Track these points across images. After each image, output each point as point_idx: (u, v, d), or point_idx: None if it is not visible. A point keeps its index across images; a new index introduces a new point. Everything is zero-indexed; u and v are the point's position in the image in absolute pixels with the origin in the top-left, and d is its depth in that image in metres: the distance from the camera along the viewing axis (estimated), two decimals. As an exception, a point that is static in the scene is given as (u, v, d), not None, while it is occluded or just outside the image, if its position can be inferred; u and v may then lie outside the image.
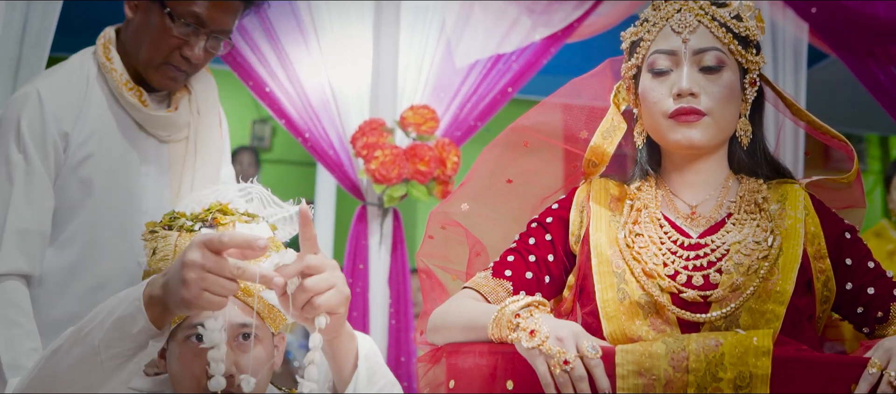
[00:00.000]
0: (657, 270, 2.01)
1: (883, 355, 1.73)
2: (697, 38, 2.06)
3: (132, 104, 2.53)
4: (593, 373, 1.74)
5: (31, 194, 2.42)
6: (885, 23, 4.11)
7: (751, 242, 2.01)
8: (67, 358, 1.82)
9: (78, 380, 1.82)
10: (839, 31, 4.24)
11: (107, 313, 1.81)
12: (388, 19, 4.18)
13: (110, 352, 1.79)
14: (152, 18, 2.50)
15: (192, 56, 2.51)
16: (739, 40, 2.07)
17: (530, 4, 4.15)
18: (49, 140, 2.45)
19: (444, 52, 4.20)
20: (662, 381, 1.73)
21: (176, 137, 2.62)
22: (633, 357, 1.75)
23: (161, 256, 2.09)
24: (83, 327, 1.82)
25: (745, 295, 1.95)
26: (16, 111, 2.47)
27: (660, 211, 2.10)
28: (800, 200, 2.07)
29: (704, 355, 1.74)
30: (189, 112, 2.62)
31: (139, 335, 1.79)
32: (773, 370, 1.72)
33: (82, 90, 2.54)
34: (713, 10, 2.08)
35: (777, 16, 4.25)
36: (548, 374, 1.75)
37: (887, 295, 1.99)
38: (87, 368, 1.81)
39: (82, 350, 1.80)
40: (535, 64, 4.22)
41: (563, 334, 1.78)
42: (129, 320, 1.78)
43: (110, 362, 1.79)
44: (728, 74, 2.06)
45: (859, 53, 4.21)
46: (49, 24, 2.93)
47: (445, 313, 2.06)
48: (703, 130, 2.05)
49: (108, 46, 2.57)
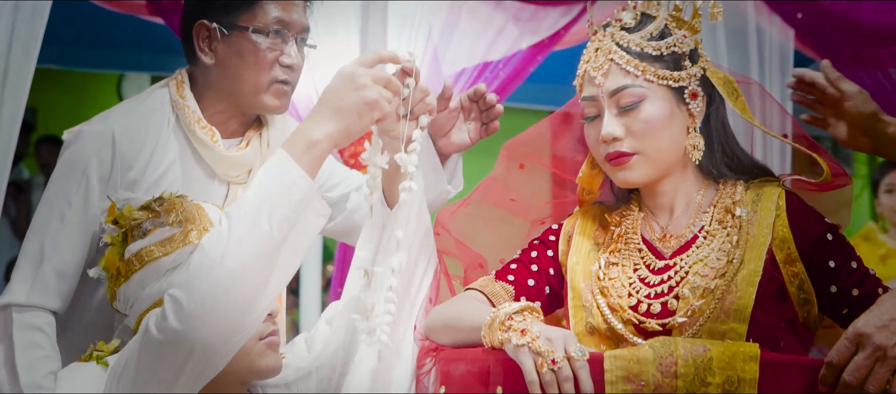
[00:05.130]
0: (620, 303, 2.02)
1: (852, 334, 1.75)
2: (611, 80, 2.05)
3: (203, 142, 2.46)
4: (578, 375, 1.75)
5: (75, 240, 2.38)
6: (871, 27, 4.13)
7: (713, 258, 2.00)
8: (243, 253, 1.91)
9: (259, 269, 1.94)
10: (825, 36, 4.26)
11: (257, 207, 1.93)
12: (374, 27, 4.19)
13: (282, 232, 1.94)
14: (240, 46, 2.44)
15: (293, 62, 2.47)
16: (661, 63, 2.04)
17: (517, 12, 4.16)
18: (111, 189, 2.39)
19: (431, 60, 4.20)
20: (651, 386, 1.74)
21: (242, 178, 2.55)
22: (621, 363, 1.76)
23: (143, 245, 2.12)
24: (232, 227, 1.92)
25: (703, 318, 1.95)
26: (88, 150, 2.41)
27: (639, 234, 2.11)
28: (772, 202, 2.04)
29: (693, 360, 1.74)
30: (259, 149, 2.56)
31: (305, 199, 1.96)
32: (761, 374, 1.72)
33: (158, 135, 2.47)
34: (627, 41, 2.05)
35: (763, 21, 4.28)
36: (533, 371, 1.75)
37: (872, 295, 1.96)
38: (263, 253, 1.93)
39: (254, 240, 1.91)
40: (522, 72, 4.24)
41: (553, 335, 1.79)
42: (292, 190, 1.94)
43: (280, 232, 1.93)
44: (649, 106, 2.03)
45: (846, 58, 4.23)
46: (35, 36, 2.91)
47: (445, 311, 2.07)
48: (635, 170, 2.06)
49: (181, 85, 2.51)
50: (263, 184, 1.95)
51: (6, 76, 2.85)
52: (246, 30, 2.43)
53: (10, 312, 2.32)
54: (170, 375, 1.95)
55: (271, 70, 2.45)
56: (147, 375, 1.97)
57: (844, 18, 4.14)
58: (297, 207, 1.95)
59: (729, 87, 2.09)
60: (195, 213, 2.13)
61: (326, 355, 2.20)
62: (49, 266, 2.35)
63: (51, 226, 2.38)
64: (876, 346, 1.71)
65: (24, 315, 2.32)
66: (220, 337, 1.92)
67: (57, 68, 7.29)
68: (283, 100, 2.50)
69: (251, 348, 2.06)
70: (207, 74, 2.49)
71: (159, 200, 2.15)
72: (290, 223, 1.95)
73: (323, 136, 2.00)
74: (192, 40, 2.48)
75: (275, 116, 2.58)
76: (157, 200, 2.15)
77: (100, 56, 7.33)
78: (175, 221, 2.10)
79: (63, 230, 2.38)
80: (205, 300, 1.89)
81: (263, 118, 2.58)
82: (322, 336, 2.22)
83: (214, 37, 2.46)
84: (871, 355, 1.71)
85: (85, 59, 7.48)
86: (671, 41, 2.06)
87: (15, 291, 2.35)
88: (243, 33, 2.44)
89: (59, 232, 2.37)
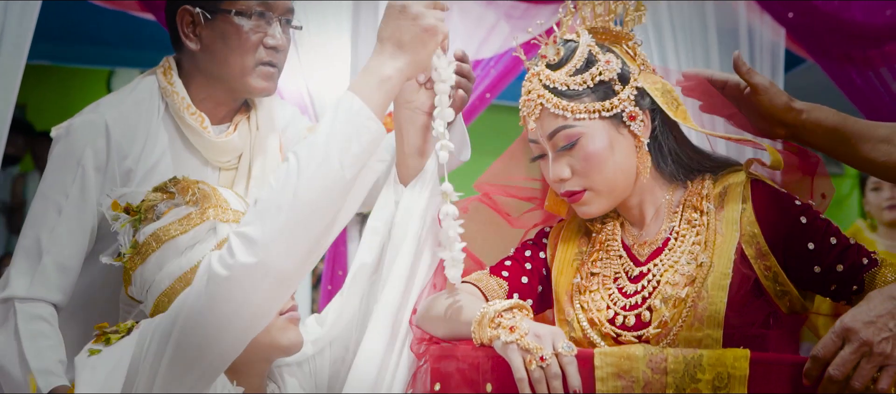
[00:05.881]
0: (599, 317, 2.02)
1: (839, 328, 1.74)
2: (545, 124, 2.03)
3: (193, 128, 2.47)
4: (566, 370, 1.75)
5: (74, 231, 2.38)
6: (862, 27, 4.13)
7: (683, 262, 1.99)
8: (310, 191, 1.91)
9: (328, 206, 1.95)
10: (816, 35, 4.27)
11: (327, 146, 1.92)
12: (366, 23, 4.17)
13: (353, 171, 1.95)
14: (223, 30, 2.45)
15: (277, 43, 2.48)
16: (590, 96, 2.01)
17: (509, 10, 4.16)
18: (108, 179, 2.41)
19: (422, 58, 4.19)
20: (641, 382, 1.74)
21: (232, 164, 2.57)
22: (612, 359, 1.76)
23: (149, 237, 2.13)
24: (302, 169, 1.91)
25: (676, 328, 1.95)
26: (81, 140, 2.41)
27: (619, 239, 2.10)
28: (738, 196, 2.02)
29: (683, 357, 1.75)
30: (248, 133, 2.57)
31: (374, 140, 1.97)
32: (750, 371, 1.73)
33: (149, 123, 2.48)
34: (553, 80, 2.03)
35: (754, 20, 4.28)
36: (522, 368, 1.76)
37: (858, 266, 1.95)
38: (333, 190, 1.93)
39: (325, 176, 1.92)
40: (513, 69, 4.23)
41: (542, 332, 1.79)
42: (362, 132, 1.94)
43: (350, 171, 1.94)
44: (587, 143, 2.00)
45: (836, 58, 4.24)
46: (26, 31, 2.90)
47: (437, 303, 2.07)
48: (592, 204, 2.05)
49: (169, 72, 2.51)
50: (333, 125, 1.95)
51: (-4, 72, 2.84)
52: (228, 13, 2.44)
53: (13, 303, 2.33)
54: (232, 309, 1.93)
55: (256, 52, 2.47)
56: (206, 316, 1.94)
57: (836, 18, 4.15)
58: (367, 147, 1.97)
59: (668, 98, 2.05)
60: (210, 192, 2.16)
61: (340, 327, 2.22)
62: (49, 259, 2.35)
63: (48, 219, 2.38)
64: (862, 341, 1.71)
65: (27, 306, 2.33)
66: (294, 265, 1.93)
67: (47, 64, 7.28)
68: (270, 82, 2.51)
69: (272, 324, 2.07)
70: (193, 60, 2.51)
71: (173, 181, 2.18)
72: (360, 163, 1.96)
73: (393, 71, 2.01)
74: (176, 27, 2.49)
75: (263, 99, 2.59)
76: (172, 181, 2.18)
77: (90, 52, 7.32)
78: (191, 200, 2.14)
79: (61, 222, 2.37)
80: (281, 231, 1.89)
81: (251, 102, 2.59)
82: (334, 307, 2.24)
83: (198, 22, 2.47)
84: (857, 351, 1.71)
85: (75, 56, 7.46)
86: (596, 71, 2.02)
87: (15, 286, 2.34)
88: (226, 17, 2.45)
89: (57, 225, 2.37)
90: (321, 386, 2.23)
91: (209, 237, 2.11)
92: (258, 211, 1.92)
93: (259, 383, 2.16)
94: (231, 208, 2.15)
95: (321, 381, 2.23)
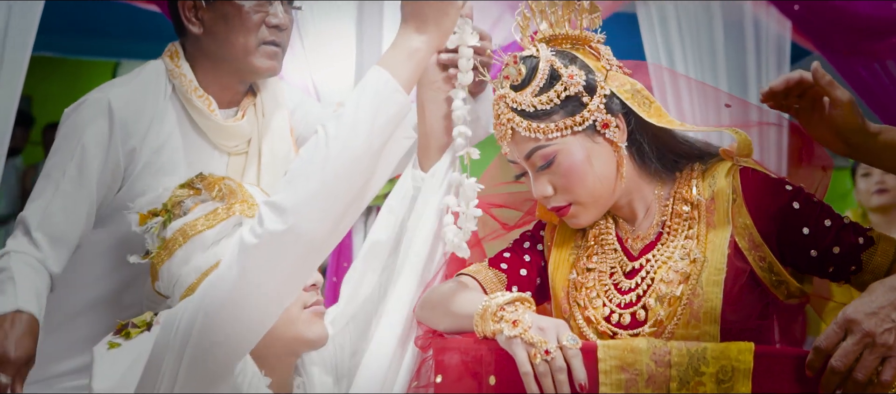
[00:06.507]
0: (595, 315, 2.01)
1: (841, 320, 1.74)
2: (518, 146, 2.01)
3: (200, 110, 2.48)
4: (571, 363, 1.75)
5: (68, 208, 2.38)
6: (868, 20, 4.11)
7: (676, 258, 1.98)
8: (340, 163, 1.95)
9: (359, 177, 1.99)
10: (822, 28, 4.25)
11: (355, 118, 1.96)
12: (371, 19, 4.17)
13: (381, 140, 2.00)
14: (224, 12, 2.46)
15: (279, 22, 2.49)
16: (559, 113, 1.98)
17: (513, 3, 4.15)
18: (111, 157, 2.41)
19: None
20: (645, 375, 1.74)
21: (240, 149, 2.57)
22: (615, 352, 1.76)
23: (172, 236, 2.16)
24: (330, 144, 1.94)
25: (671, 326, 1.94)
26: (83, 119, 2.42)
27: (613, 233, 2.08)
28: (727, 186, 2.00)
29: (687, 350, 1.74)
30: (255, 118, 2.58)
31: (400, 112, 2.03)
32: (754, 364, 1.73)
33: (156, 104, 2.49)
34: (519, 103, 1.99)
35: (760, 13, 4.27)
36: (527, 362, 1.75)
37: (854, 247, 1.93)
38: (361, 160, 1.97)
39: (354, 147, 1.95)
40: (519, 62, 4.22)
41: (546, 325, 1.79)
42: (389, 104, 2.00)
43: (378, 141, 1.99)
44: (563, 159, 1.98)
45: (842, 50, 4.22)
46: (31, 24, 2.90)
47: (437, 296, 2.07)
48: (580, 216, 2.04)
49: (176, 56, 2.52)
50: (361, 97, 1.99)
51: (1, 64, 2.84)
52: None
53: (10, 252, 2.33)
54: (261, 278, 1.95)
55: (258, 31, 2.47)
56: (236, 288, 1.96)
57: (841, 11, 4.13)
58: (393, 118, 2.01)
59: (638, 98, 2.01)
60: (236, 188, 2.19)
61: (358, 302, 2.24)
62: (39, 234, 2.35)
63: (44, 196, 2.38)
64: (865, 332, 1.71)
65: (23, 256, 2.32)
66: (323, 233, 1.96)
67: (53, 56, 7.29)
68: (274, 60, 2.52)
69: (297, 317, 2.11)
70: (198, 44, 2.51)
71: (200, 177, 2.22)
72: (386, 134, 2.01)
73: (420, 43, 2.06)
74: (178, 12, 2.50)
75: (267, 82, 2.61)
76: (198, 177, 2.22)
77: (96, 44, 7.34)
78: (218, 196, 2.17)
79: (56, 199, 2.38)
80: (311, 198, 1.93)
81: (256, 87, 2.60)
82: (350, 283, 2.26)
83: (199, 5, 2.48)
84: (859, 342, 1.71)
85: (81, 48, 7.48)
86: (561, 87, 1.98)
87: (9, 246, 2.35)
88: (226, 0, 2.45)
89: (51, 201, 2.37)
90: (344, 364, 2.25)
91: (235, 232, 2.12)
92: (288, 180, 1.95)
93: (286, 378, 2.18)
94: (257, 204, 2.16)
95: (343, 359, 2.25)
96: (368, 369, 2.11)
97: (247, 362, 2.05)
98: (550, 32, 2.06)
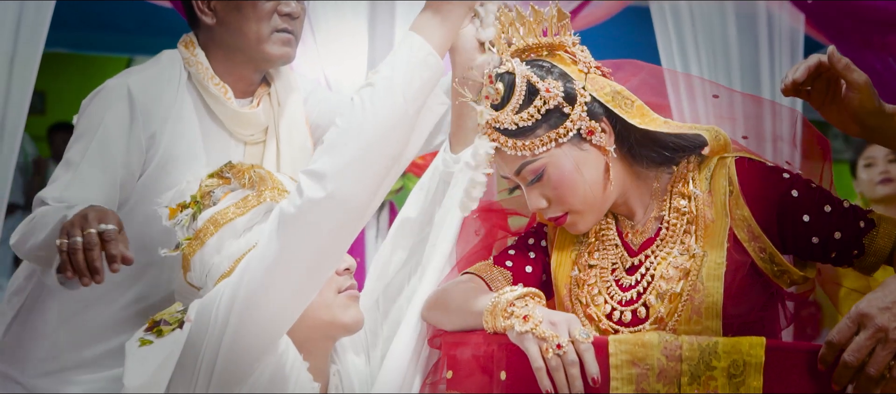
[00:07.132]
0: (596, 313, 2.00)
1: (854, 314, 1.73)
2: (506, 164, 2.00)
3: (216, 97, 2.49)
4: (584, 357, 1.75)
5: (88, 183, 2.36)
6: (882, 13, 4.11)
7: (676, 254, 1.96)
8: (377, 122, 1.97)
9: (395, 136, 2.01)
10: (835, 21, 4.24)
11: (390, 84, 1.98)
12: (383, 16, 4.18)
13: (416, 106, 2.01)
14: (236, 1, 2.48)
15: (292, 10, 2.51)
16: (542, 127, 1.95)
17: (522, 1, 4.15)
18: (133, 140, 2.41)
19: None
20: (656, 370, 1.74)
21: (257, 138, 2.58)
22: (626, 347, 1.76)
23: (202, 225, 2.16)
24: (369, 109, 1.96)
25: (672, 322, 1.93)
26: (103, 104, 2.43)
27: (614, 228, 2.07)
28: (723, 177, 1.99)
29: (698, 344, 1.74)
30: (270, 106, 2.59)
31: (434, 76, 2.04)
32: (766, 358, 1.72)
33: (174, 90, 2.49)
34: (501, 122, 1.97)
35: (773, 6, 4.26)
36: (539, 357, 1.75)
37: (856, 231, 1.92)
38: (398, 125, 1.99)
39: (390, 112, 1.97)
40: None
41: (557, 319, 1.79)
42: (423, 68, 2.01)
43: (413, 106, 2.00)
44: (553, 171, 1.96)
45: (855, 43, 4.20)
46: (43, 20, 2.91)
47: (442, 295, 2.07)
48: (578, 224, 2.03)
49: (191, 45, 2.53)
50: (395, 62, 2.01)
51: (14, 59, 2.86)
52: None
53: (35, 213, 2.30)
54: (300, 245, 1.97)
55: (271, 19, 2.49)
56: (275, 260, 1.97)
57: (855, 3, 4.12)
58: (428, 82, 2.03)
59: (619, 99, 1.99)
60: (266, 175, 2.19)
61: (389, 274, 2.26)
62: (61, 205, 2.33)
63: (62, 179, 2.38)
64: (878, 327, 1.70)
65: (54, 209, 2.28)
66: (363, 198, 1.98)
67: (66, 52, 7.31)
68: (288, 47, 2.53)
69: (332, 302, 2.11)
70: (211, 35, 2.52)
71: (229, 166, 2.22)
72: (422, 98, 2.03)
73: (450, 7, 2.07)
74: (191, 4, 2.51)
75: (281, 72, 2.62)
76: (227, 166, 2.23)
77: (108, 39, 7.35)
78: (248, 183, 2.17)
79: (74, 181, 2.36)
80: (350, 163, 1.94)
81: (269, 76, 2.60)
82: (381, 257, 2.27)
83: None
84: (872, 336, 1.70)
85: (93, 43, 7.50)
86: (540, 102, 1.95)
87: None
88: None
89: (70, 183, 2.35)
90: (378, 337, 2.26)
91: (266, 219, 2.11)
92: (325, 148, 1.97)
93: (323, 363, 2.17)
94: (287, 190, 2.17)
95: (376, 334, 2.26)
96: (387, 373, 2.11)
97: (289, 344, 2.05)
98: (523, 43, 2.04)
